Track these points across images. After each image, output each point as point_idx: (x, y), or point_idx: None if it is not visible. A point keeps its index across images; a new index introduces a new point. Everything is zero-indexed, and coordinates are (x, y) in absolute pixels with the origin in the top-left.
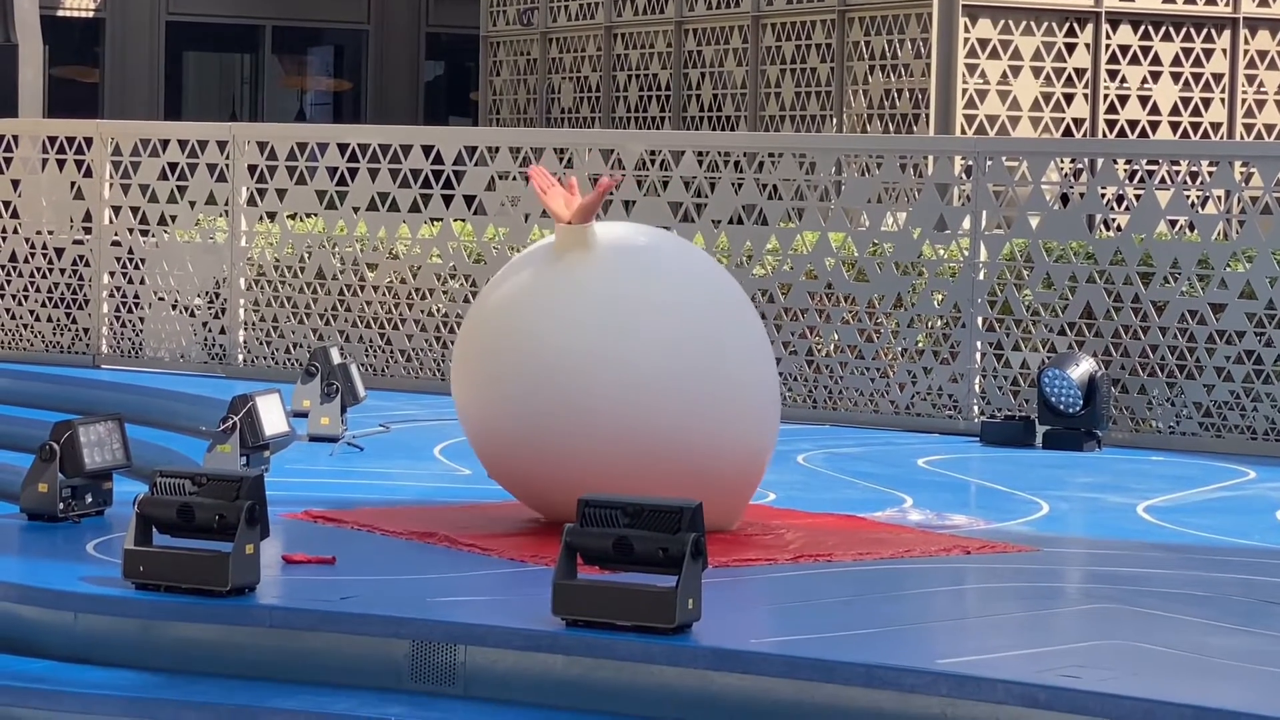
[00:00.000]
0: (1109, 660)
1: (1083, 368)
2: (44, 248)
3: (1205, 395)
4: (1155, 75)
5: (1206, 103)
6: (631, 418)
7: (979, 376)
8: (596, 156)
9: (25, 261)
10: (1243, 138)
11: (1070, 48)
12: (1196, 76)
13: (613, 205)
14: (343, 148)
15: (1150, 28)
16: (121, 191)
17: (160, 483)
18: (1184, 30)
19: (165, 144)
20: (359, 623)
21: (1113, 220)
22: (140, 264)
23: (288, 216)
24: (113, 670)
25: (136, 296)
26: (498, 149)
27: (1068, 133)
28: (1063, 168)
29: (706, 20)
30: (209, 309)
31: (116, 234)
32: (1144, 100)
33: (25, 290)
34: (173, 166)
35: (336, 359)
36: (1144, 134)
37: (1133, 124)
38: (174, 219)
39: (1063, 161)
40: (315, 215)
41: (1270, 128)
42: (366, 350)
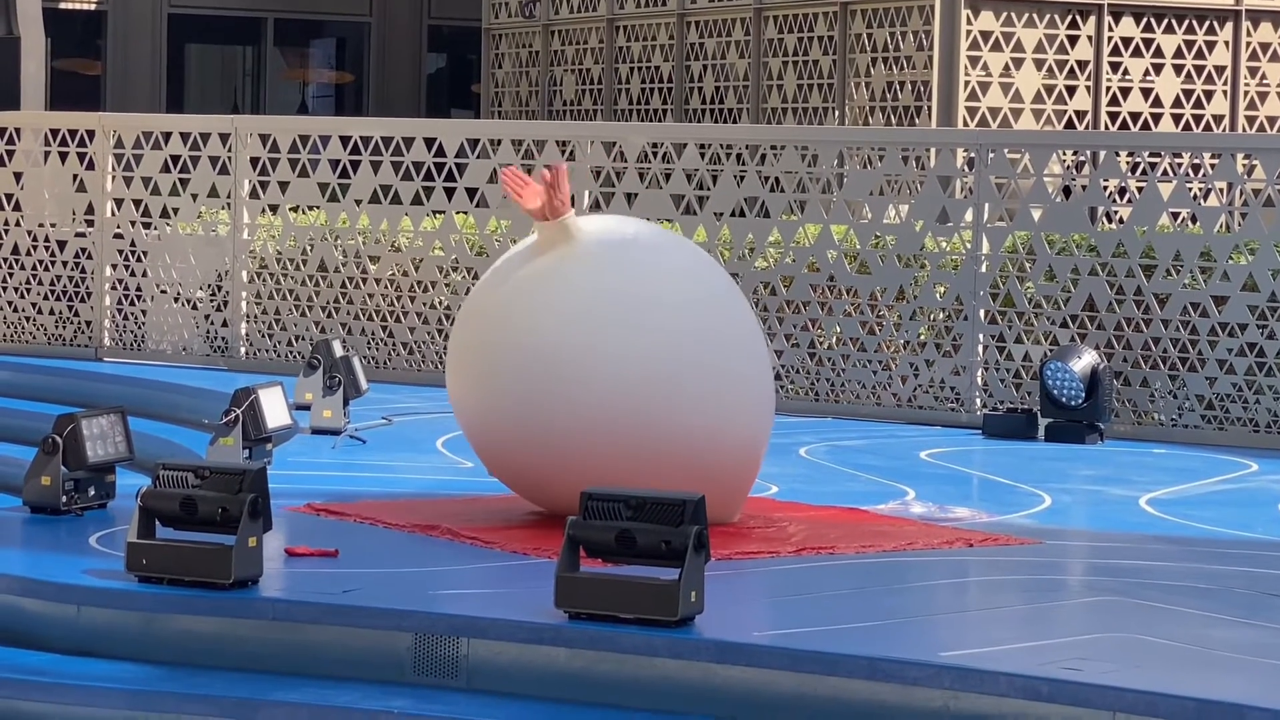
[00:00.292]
0: (1111, 653)
1: (1085, 360)
2: (46, 240)
3: (1207, 388)
4: (1157, 67)
5: (1209, 95)
6: (624, 410)
7: (981, 369)
8: (599, 149)
9: (28, 254)
10: (1245, 130)
11: (1072, 40)
12: (1199, 69)
13: (615, 198)
14: (345, 140)
15: (1153, 20)
16: (124, 184)
17: (163, 475)
18: (1186, 22)
19: (167, 137)
20: (362, 616)
21: (1115, 213)
22: (142, 257)
23: (290, 209)
24: (115, 663)
25: (139, 289)
26: (500, 141)
27: (1070, 125)
28: (1065, 160)
29: (708, 13)
30: (211, 302)
31: (119, 227)
32: (1146, 92)
33: (28, 283)
34: (175, 159)
35: (339, 352)
36: (1146, 126)
37: (1135, 116)
38: (176, 212)
39: (1065, 154)
40: (317, 208)
41: (1273, 120)
42: (369, 343)
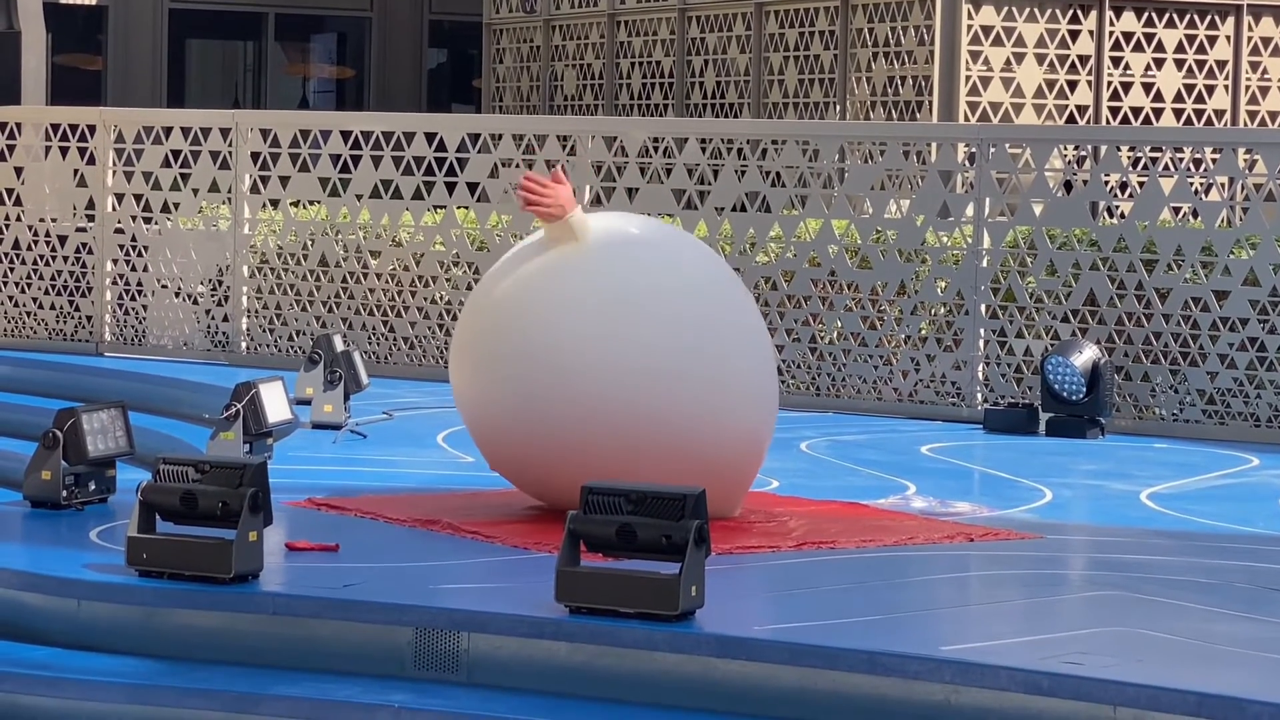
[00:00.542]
0: (1112, 647)
1: (1086, 355)
2: (47, 235)
3: (1208, 382)
4: (1159, 62)
5: (1210, 89)
6: (627, 404)
7: (982, 364)
8: (599, 144)
9: (28, 249)
10: (1246, 124)
11: (1074, 34)
12: (1200, 63)
13: (615, 193)
14: (346, 135)
15: (1154, 14)
16: (125, 179)
17: (163, 470)
18: (1187, 17)
19: (168, 131)
20: (362, 610)
21: (1116, 207)
22: (143, 251)
23: (290, 204)
24: (116, 657)
25: (140, 284)
26: (500, 136)
27: (1071, 120)
28: (1066, 155)
29: (710, 7)
30: (212, 296)
31: (119, 221)
32: (1147, 87)
33: (28, 278)
34: (176, 154)
35: (339, 346)
36: (1147, 121)
37: (1136, 111)
38: (177, 206)
39: (1066, 148)
40: (318, 202)
41: (1274, 114)
42: (369, 338)
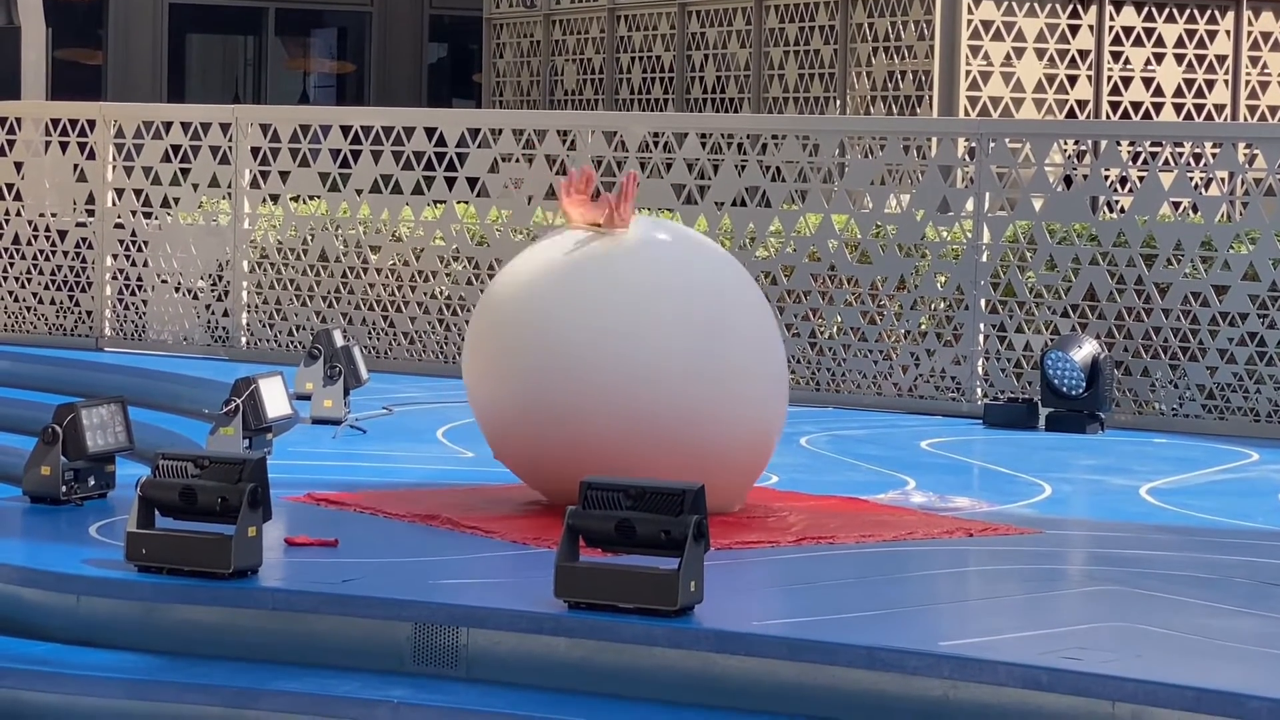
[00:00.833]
0: (1111, 642)
1: (1086, 350)
2: (47, 230)
3: (1208, 377)
4: (1159, 57)
5: (1210, 84)
6: (642, 401)
7: (982, 359)
8: (600, 138)
9: (28, 244)
10: (1246, 119)
11: (1074, 29)
12: (1200, 58)
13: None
14: (346, 130)
15: (1154, 9)
16: (125, 174)
17: (162, 465)
18: (1187, 12)
19: (168, 126)
20: (361, 605)
21: (1116, 202)
22: (143, 246)
23: (290, 199)
24: (115, 653)
25: (139, 279)
26: (501, 131)
27: (1071, 115)
28: (1066, 150)
29: (709, 2)
30: (212, 291)
31: (119, 216)
32: (1147, 82)
33: (28, 273)
34: (176, 149)
35: (339, 341)
36: (1147, 116)
37: (1136, 106)
38: (177, 201)
39: (1066, 143)
40: (318, 198)
41: (1274, 109)
42: (369, 333)
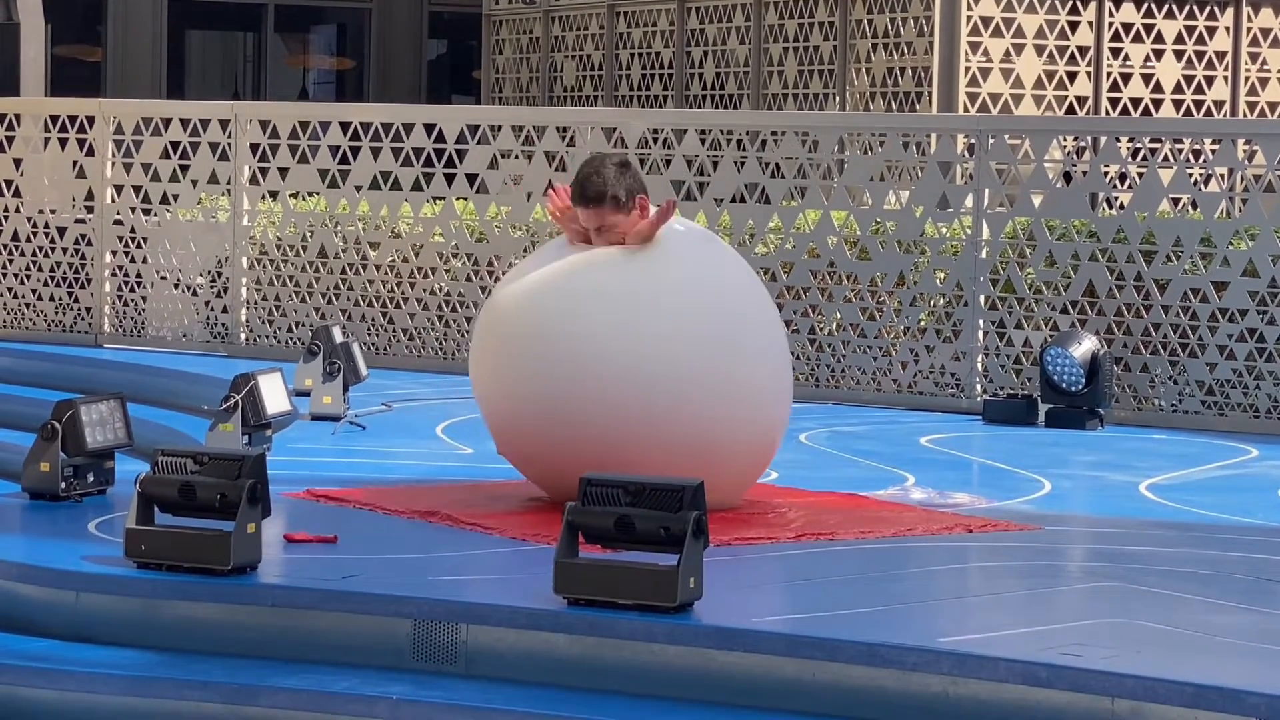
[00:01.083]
0: (1111, 638)
1: (1085, 346)
2: (46, 227)
3: (1208, 373)
4: (1158, 53)
5: (1209, 80)
6: (646, 399)
7: (981, 355)
8: (599, 135)
9: (27, 240)
10: (1245, 116)
11: (1073, 25)
12: (1199, 54)
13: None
14: (345, 126)
15: (1153, 5)
16: (124, 170)
17: (162, 461)
18: (1187, 8)
19: (167, 123)
20: (361, 602)
21: (1115, 198)
22: (142, 243)
23: (290, 195)
24: (114, 649)
25: (139, 275)
26: (500, 127)
27: (1070, 111)
28: (1065, 146)
29: None
30: (211, 288)
31: (119, 213)
32: (1147, 78)
33: (27, 269)
34: (175, 145)
35: (338, 338)
36: (1147, 112)
37: (1135, 102)
38: (176, 198)
39: (1065, 139)
40: (317, 194)
41: (1273, 105)
42: (369, 329)
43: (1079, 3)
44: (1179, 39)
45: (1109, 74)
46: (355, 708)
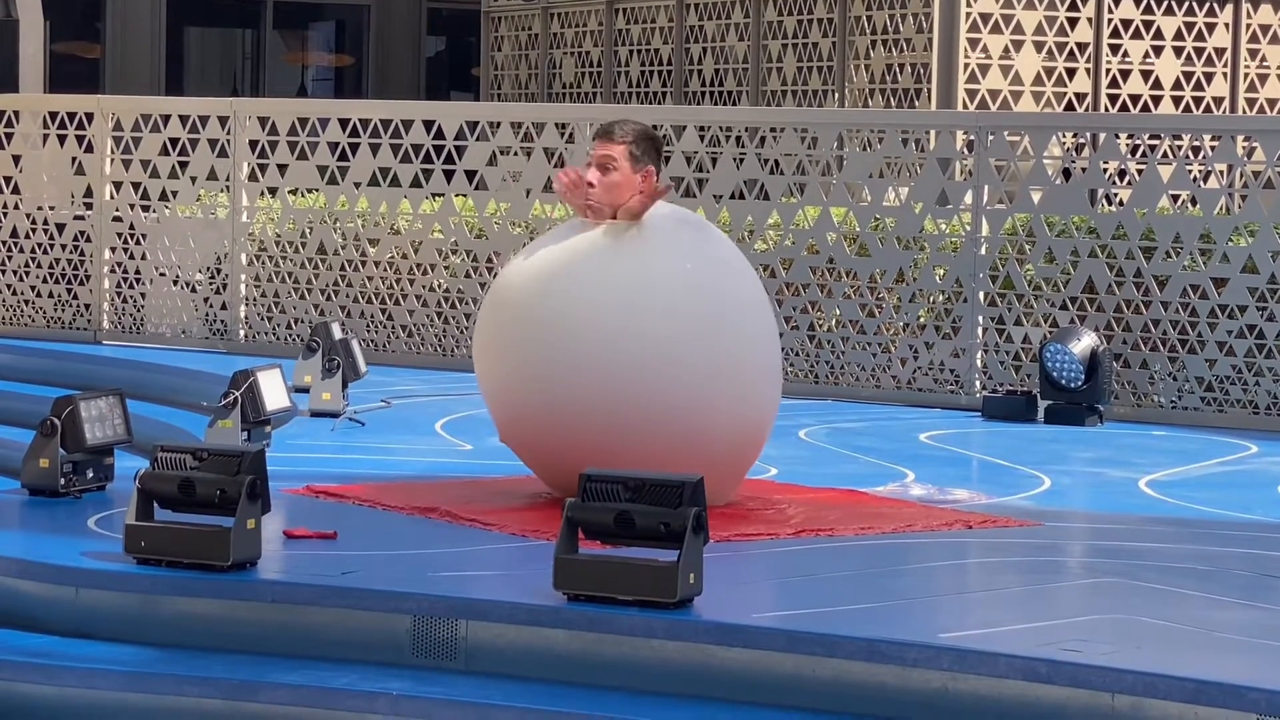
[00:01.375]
0: (1110, 634)
1: (1084, 342)
2: (45, 223)
3: (1207, 370)
4: (1157, 50)
5: (1209, 77)
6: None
7: (981, 351)
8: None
9: (26, 237)
10: (1245, 112)
11: (1072, 22)
12: (1199, 51)
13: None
14: (344, 123)
15: (1153, 2)
16: (123, 167)
17: (161, 458)
18: (1186, 4)
19: (166, 119)
20: (360, 597)
21: (1115, 195)
22: (141, 239)
23: (289, 192)
24: (114, 645)
25: (138, 272)
26: (499, 124)
27: (1070, 107)
28: (1065, 142)
29: None
30: (210, 285)
31: (118, 209)
32: (1146, 75)
33: (26, 266)
34: (174, 142)
35: (338, 334)
36: (1146, 108)
37: (1135, 98)
38: (175, 194)
39: (1065, 136)
40: (316, 190)
41: (1273, 102)
42: (368, 326)
43: None
44: (1178, 35)
45: (1108, 70)
46: (355, 703)
